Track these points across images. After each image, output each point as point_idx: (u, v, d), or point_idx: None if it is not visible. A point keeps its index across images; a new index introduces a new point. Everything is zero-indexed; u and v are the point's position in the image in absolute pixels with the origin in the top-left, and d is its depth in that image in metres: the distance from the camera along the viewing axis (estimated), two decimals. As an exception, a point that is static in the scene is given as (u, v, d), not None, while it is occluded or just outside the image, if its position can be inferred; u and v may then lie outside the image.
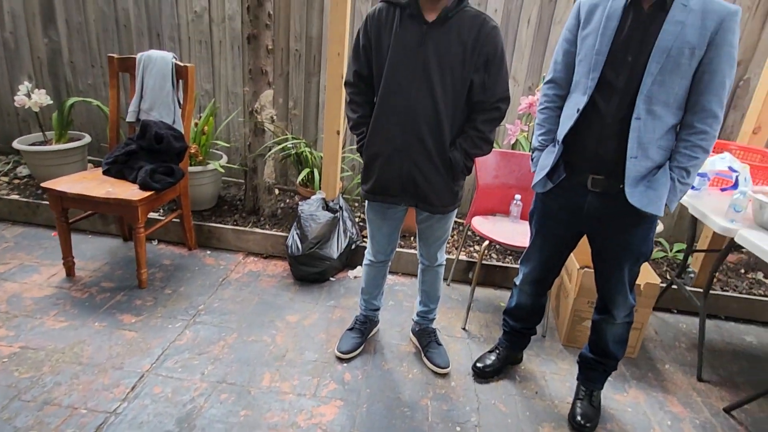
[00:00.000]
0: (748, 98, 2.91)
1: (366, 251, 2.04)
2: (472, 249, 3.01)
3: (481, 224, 2.47)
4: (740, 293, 2.84)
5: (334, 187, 2.86)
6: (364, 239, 2.94)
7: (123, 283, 2.37)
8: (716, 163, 2.09)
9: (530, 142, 2.89)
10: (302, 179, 2.97)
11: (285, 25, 3.18)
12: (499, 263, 2.84)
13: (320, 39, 3.19)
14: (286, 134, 3.05)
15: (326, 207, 2.73)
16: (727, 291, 2.85)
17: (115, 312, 2.16)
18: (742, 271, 3.12)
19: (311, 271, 2.56)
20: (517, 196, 2.55)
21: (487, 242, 2.33)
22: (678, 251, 3.18)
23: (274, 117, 2.94)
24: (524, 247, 1.97)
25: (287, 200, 3.38)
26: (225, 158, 3.14)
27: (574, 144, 1.58)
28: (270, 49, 2.79)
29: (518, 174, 2.59)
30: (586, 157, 1.57)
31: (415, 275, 2.06)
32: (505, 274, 2.78)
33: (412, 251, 2.77)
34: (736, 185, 1.97)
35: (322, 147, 2.95)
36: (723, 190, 2.07)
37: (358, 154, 1.85)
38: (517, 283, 1.95)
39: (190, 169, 2.83)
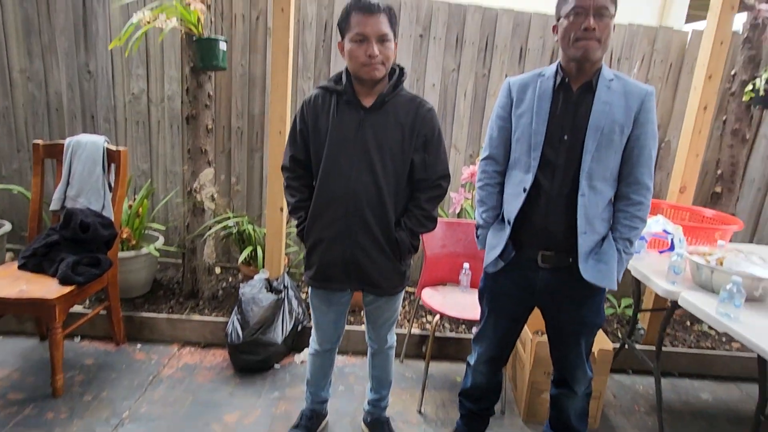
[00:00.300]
0: (670, 158, 3.11)
1: (311, 339, 1.91)
2: (424, 320, 2.91)
3: (431, 297, 2.41)
4: (689, 347, 2.86)
5: (278, 265, 2.74)
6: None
7: (35, 393, 2.09)
8: (651, 225, 2.16)
9: (474, 210, 2.92)
10: (245, 258, 2.84)
11: (227, 103, 3.17)
12: (453, 334, 2.76)
13: (263, 116, 3.20)
14: (227, 212, 2.95)
15: (270, 288, 2.59)
16: (677, 345, 2.87)
17: (20, 431, 1.87)
18: (688, 323, 3.17)
19: (253, 359, 2.37)
20: (466, 265, 2.52)
21: (438, 315, 2.26)
22: (626, 306, 3.22)
23: (215, 195, 2.85)
24: (476, 320, 1.92)
25: (230, 279, 3.21)
26: (162, 240, 2.98)
27: (523, 222, 1.59)
28: (210, 128, 2.74)
29: (465, 242, 2.58)
30: (535, 234, 1.58)
31: (367, 354, 1.95)
32: (460, 345, 2.70)
33: (363, 328, 2.65)
34: (672, 247, 2.03)
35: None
36: (661, 252, 2.13)
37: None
38: (471, 363, 1.87)
39: (122, 254, 2.65)
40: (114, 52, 3.04)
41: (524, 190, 1.55)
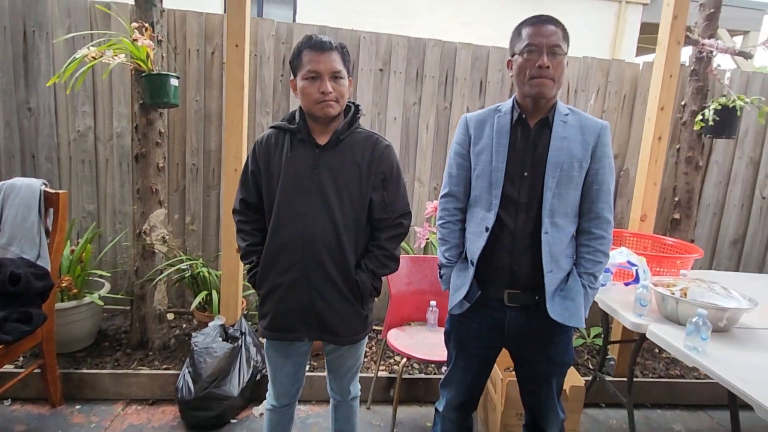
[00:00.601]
0: (630, 186, 3.16)
1: (267, 394, 1.75)
2: (391, 360, 2.79)
3: (397, 338, 2.30)
4: (659, 376, 2.84)
5: (235, 310, 2.58)
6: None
7: (-50, 471, 1.84)
8: (616, 256, 2.14)
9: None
10: (199, 303, 2.66)
11: (181, 139, 3.04)
12: (422, 375, 2.64)
13: (219, 152, 3.08)
14: (181, 254, 2.78)
15: (225, 335, 2.43)
16: (647, 375, 2.85)
17: None
18: (657, 350, 3.16)
19: (206, 415, 2.18)
20: (433, 303, 2.44)
21: (406, 358, 2.15)
22: (596, 336, 3.19)
23: (167, 237, 2.68)
24: (445, 362, 1.82)
25: (184, 325, 3.01)
26: (108, 287, 2.77)
27: (487, 261, 1.54)
28: (161, 166, 2.60)
29: (431, 279, 2.50)
30: (500, 273, 1.53)
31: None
32: (429, 386, 2.58)
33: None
34: (637, 279, 2.01)
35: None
36: (626, 284, 2.11)
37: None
38: (440, 409, 1.76)
39: (62, 305, 2.44)
40: (57, 88, 2.88)
41: (486, 229, 1.51)
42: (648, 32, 5.72)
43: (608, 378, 2.61)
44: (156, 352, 2.63)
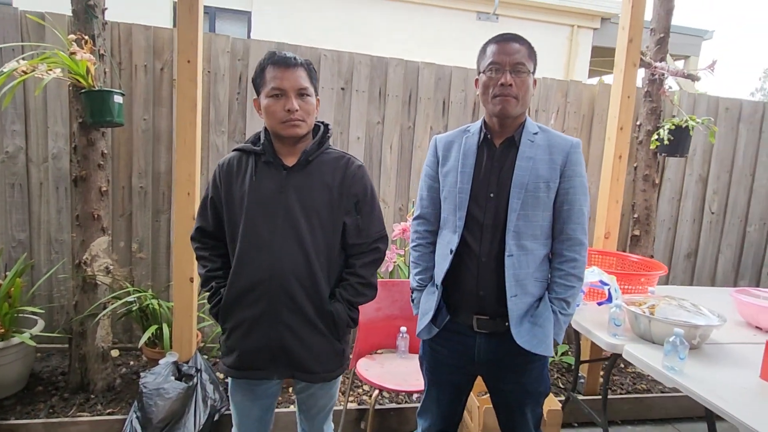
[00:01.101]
0: (592, 204, 3.20)
1: None
2: (360, 390, 2.65)
3: (368, 368, 2.18)
4: (627, 392, 2.85)
5: (189, 345, 2.37)
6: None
7: None
8: (588, 276, 2.12)
9: (408, 267, 2.78)
10: (148, 339, 2.43)
11: (127, 161, 2.82)
12: (394, 404, 2.52)
13: (169, 174, 2.88)
14: (127, 285, 2.54)
15: (178, 374, 2.22)
16: (615, 391, 2.85)
17: None
18: (623, 365, 3.19)
19: (158, 468, 1.96)
20: (403, 329, 2.34)
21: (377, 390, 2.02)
22: (563, 354, 3.17)
23: (111, 266, 2.44)
24: (419, 391, 1.77)
25: (131, 362, 2.75)
26: (41, 324, 2.49)
27: (454, 285, 1.50)
28: (104, 190, 2.38)
29: (401, 303, 2.40)
30: (468, 297, 1.48)
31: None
32: (402, 416, 2.45)
33: (294, 410, 2.33)
34: (610, 299, 1.99)
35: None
36: (599, 303, 2.09)
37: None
38: (417, 439, 1.67)
39: (-15, 348, 2.15)
40: (-16, 106, 2.61)
41: (451, 251, 1.47)
42: (599, 55, 6.02)
43: (580, 397, 2.58)
44: (99, 395, 2.36)
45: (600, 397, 2.63)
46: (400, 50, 3.69)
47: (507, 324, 1.43)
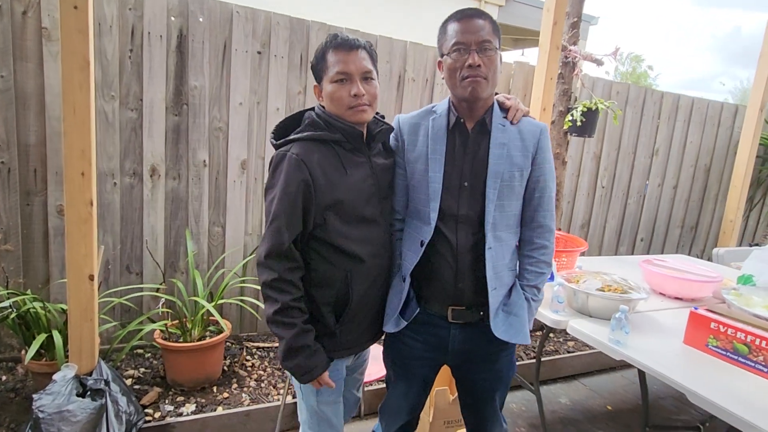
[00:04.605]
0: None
1: None
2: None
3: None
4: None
5: (90, 355, 1.98)
6: (147, 415, 2.13)
7: None
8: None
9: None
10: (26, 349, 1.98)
11: (-21, 128, 2.22)
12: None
13: (42, 147, 2.34)
14: (-3, 288, 2.04)
15: (82, 390, 1.85)
16: (529, 354, 3.08)
17: None
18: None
19: (70, 508, 1.63)
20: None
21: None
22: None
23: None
24: (380, 379, 1.70)
25: (3, 377, 2.25)
26: None
27: (428, 277, 1.43)
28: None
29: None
30: (443, 289, 1.42)
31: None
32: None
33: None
34: (552, 277, 2.09)
35: (60, 293, 2.06)
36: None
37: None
38: (380, 434, 1.61)
39: None
40: None
41: (422, 243, 1.39)
42: (504, 33, 6.23)
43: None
44: (-33, 429, 1.89)
45: (527, 362, 2.85)
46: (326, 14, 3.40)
47: (481, 313, 1.41)
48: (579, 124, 2.87)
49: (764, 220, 4.93)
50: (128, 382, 2.36)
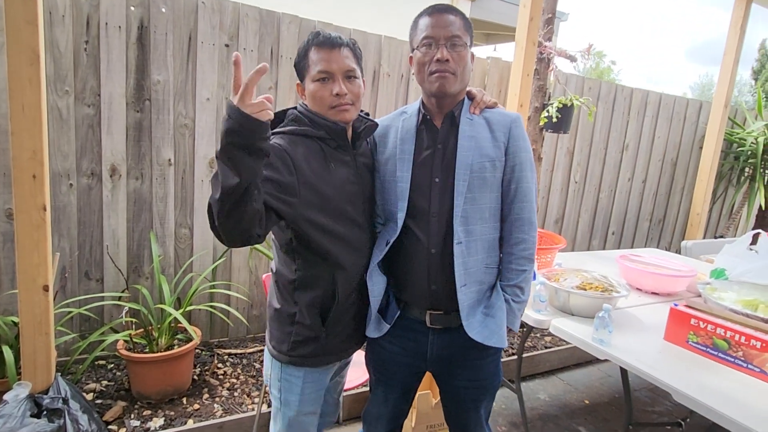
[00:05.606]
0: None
1: None
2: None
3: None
4: (516, 351, 3.10)
5: (46, 370, 1.84)
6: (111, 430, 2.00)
7: None
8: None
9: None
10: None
11: None
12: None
13: (-11, 146, 2.16)
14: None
15: (37, 410, 1.71)
16: (508, 351, 3.07)
17: None
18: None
19: None
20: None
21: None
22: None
23: None
24: (362, 384, 1.70)
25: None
26: None
27: (406, 280, 1.39)
28: None
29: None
30: (419, 292, 1.38)
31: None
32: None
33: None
34: (534, 276, 2.06)
35: (11, 304, 1.90)
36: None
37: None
38: (363, 442, 1.55)
39: None
40: None
41: (387, 243, 1.37)
42: (476, 28, 6.18)
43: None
44: None
45: (506, 359, 2.83)
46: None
47: (461, 318, 1.35)
48: (554, 120, 2.86)
49: (727, 212, 5.10)
50: (89, 396, 2.21)
